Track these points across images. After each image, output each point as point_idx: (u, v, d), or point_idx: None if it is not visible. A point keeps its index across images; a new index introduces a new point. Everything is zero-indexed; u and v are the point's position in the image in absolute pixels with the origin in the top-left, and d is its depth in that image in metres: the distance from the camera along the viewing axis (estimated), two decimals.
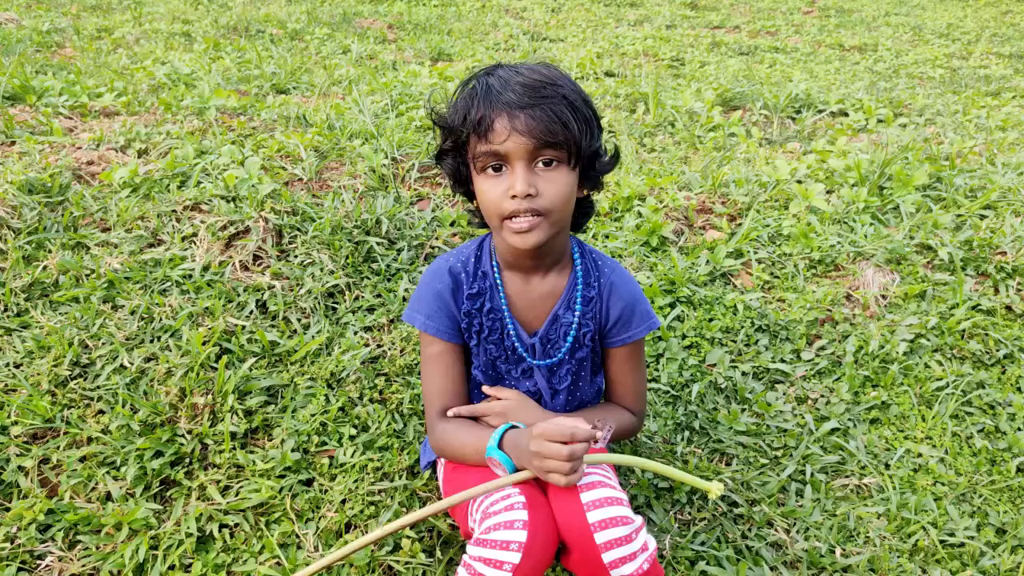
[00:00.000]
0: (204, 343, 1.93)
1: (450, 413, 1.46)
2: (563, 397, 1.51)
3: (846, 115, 4.35)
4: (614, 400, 1.58)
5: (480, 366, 1.48)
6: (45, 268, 2.11)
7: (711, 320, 2.34)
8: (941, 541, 1.74)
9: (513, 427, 1.35)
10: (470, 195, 1.38)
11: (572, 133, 1.22)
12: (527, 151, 1.22)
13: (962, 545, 1.74)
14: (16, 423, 1.71)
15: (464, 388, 1.50)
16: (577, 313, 1.44)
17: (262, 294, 2.14)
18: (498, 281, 1.44)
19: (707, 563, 1.65)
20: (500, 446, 1.32)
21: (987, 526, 1.79)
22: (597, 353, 1.52)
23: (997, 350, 2.27)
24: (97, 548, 1.53)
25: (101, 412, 1.78)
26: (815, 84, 5.06)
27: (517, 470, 1.29)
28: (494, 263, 1.44)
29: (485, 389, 1.50)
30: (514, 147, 1.21)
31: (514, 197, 1.23)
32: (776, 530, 1.75)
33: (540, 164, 1.24)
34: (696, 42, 6.69)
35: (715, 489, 1.32)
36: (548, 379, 1.49)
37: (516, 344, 1.45)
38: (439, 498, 1.68)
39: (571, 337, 1.45)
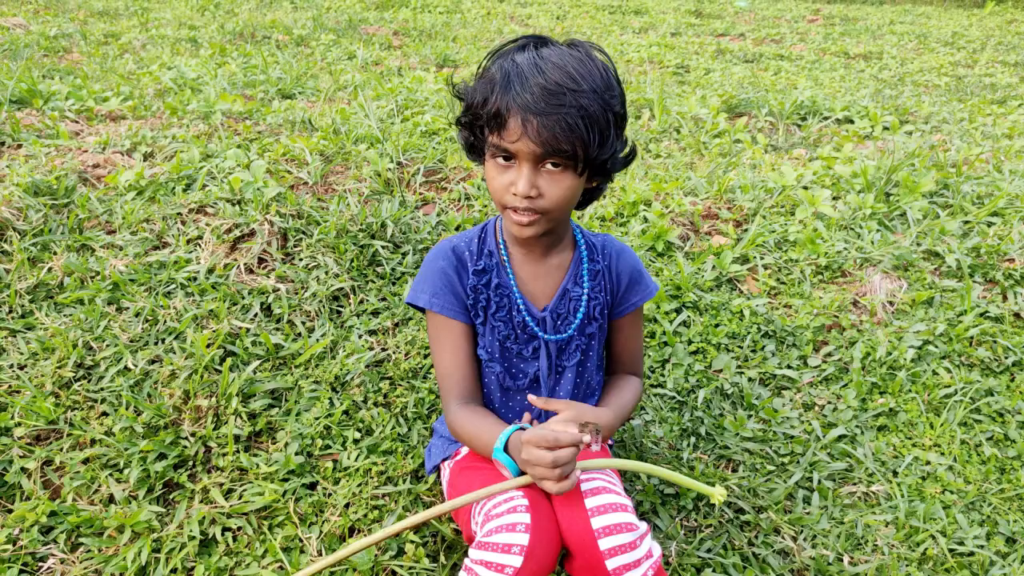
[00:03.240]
0: (208, 346, 1.93)
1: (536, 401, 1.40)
2: (571, 375, 1.48)
3: (851, 122, 4.34)
4: (619, 369, 1.61)
5: (487, 346, 1.45)
6: (50, 270, 2.11)
7: (717, 326, 2.32)
8: (950, 550, 1.72)
9: (521, 428, 1.33)
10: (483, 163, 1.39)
11: (583, 145, 1.20)
12: (535, 155, 1.21)
13: (972, 554, 1.72)
14: (19, 424, 1.71)
15: (477, 369, 1.48)
16: (586, 288, 1.45)
17: (267, 297, 2.14)
18: (504, 257, 1.44)
19: (713, 570, 1.63)
20: (507, 448, 1.31)
21: (997, 535, 1.77)
22: (604, 331, 1.52)
23: (1006, 357, 2.25)
24: (99, 551, 1.52)
25: (105, 414, 1.78)
26: (820, 91, 5.06)
27: (522, 473, 1.28)
28: (500, 240, 1.45)
29: (532, 399, 1.41)
30: (523, 150, 1.21)
31: (515, 194, 1.24)
32: (783, 537, 1.74)
33: (548, 165, 1.24)
34: (701, 49, 6.69)
35: (718, 494, 1.31)
36: (557, 356, 1.47)
37: (527, 319, 1.43)
38: (443, 502, 1.67)
39: (582, 311, 1.45)
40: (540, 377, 1.48)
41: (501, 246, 1.45)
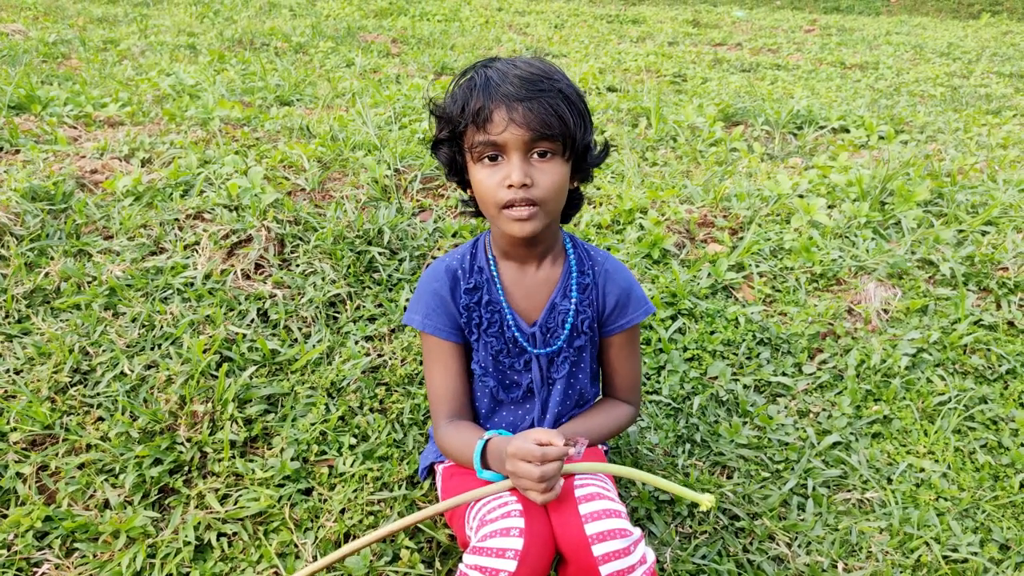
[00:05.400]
0: (205, 351, 1.93)
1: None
2: (560, 387, 1.49)
3: (847, 131, 4.37)
4: (612, 392, 1.59)
5: (480, 361, 1.47)
6: (47, 275, 2.11)
7: (713, 333, 2.33)
8: (944, 557, 1.73)
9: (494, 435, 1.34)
10: (464, 184, 1.41)
11: (568, 126, 1.25)
12: (524, 142, 1.24)
13: (965, 561, 1.73)
14: (15, 429, 1.71)
15: (467, 387, 1.50)
16: (574, 300, 1.45)
17: (263, 303, 2.14)
18: (494, 273, 1.45)
19: None
20: (486, 458, 1.33)
21: (990, 542, 1.78)
22: (596, 345, 1.52)
23: (999, 365, 2.26)
24: (94, 556, 1.52)
25: (100, 419, 1.78)
26: (816, 101, 5.08)
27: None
28: (490, 256, 1.46)
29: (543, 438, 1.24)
30: (511, 138, 1.23)
31: (510, 187, 1.26)
32: (778, 544, 1.74)
33: (535, 155, 1.27)
34: (698, 59, 6.73)
35: (707, 501, 1.31)
36: (546, 369, 1.49)
37: (516, 334, 1.45)
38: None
39: (569, 324, 1.45)
40: (534, 388, 1.49)
41: (491, 261, 1.46)
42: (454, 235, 2.55)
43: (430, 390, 1.49)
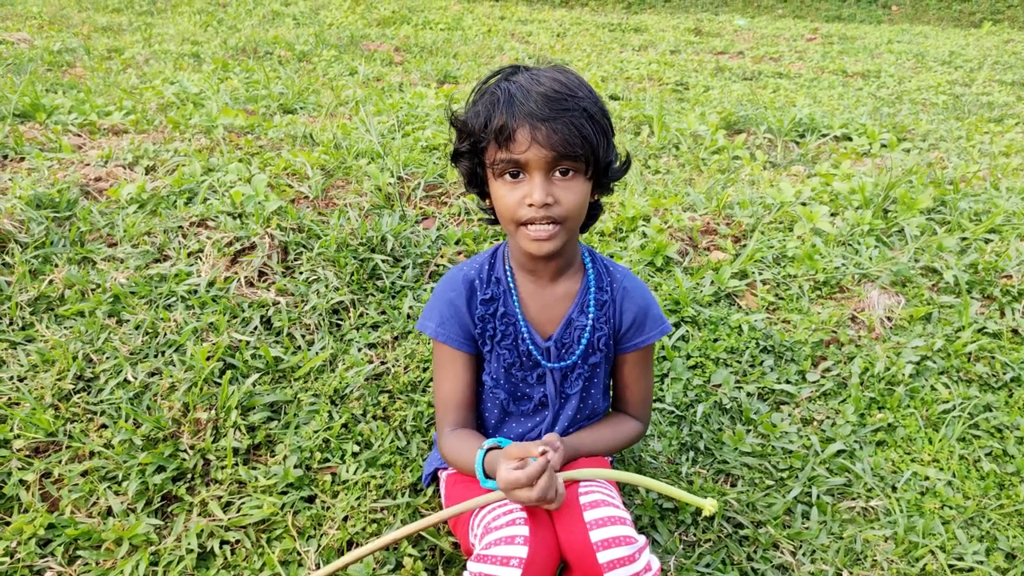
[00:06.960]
0: (208, 358, 1.93)
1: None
2: (574, 402, 1.49)
3: (850, 139, 4.37)
4: (621, 407, 1.58)
5: (492, 372, 1.47)
6: (51, 282, 2.12)
7: (716, 340, 2.33)
8: (950, 565, 1.72)
9: (494, 447, 1.32)
10: (483, 195, 1.40)
11: (591, 145, 1.24)
12: (546, 162, 1.23)
13: (971, 570, 1.72)
14: (19, 436, 1.71)
15: (474, 397, 1.49)
16: (591, 316, 1.44)
17: (267, 310, 2.14)
18: (511, 285, 1.44)
19: None
20: (486, 467, 1.31)
21: (996, 551, 1.77)
22: (610, 361, 1.51)
23: (1004, 373, 2.26)
24: (97, 563, 1.52)
25: (104, 426, 1.78)
26: (819, 109, 5.09)
27: None
28: (507, 268, 1.45)
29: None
30: (534, 157, 1.22)
31: (531, 205, 1.25)
32: (782, 552, 1.73)
33: (557, 173, 1.25)
34: (700, 67, 6.74)
35: (709, 506, 1.30)
36: (560, 383, 1.48)
37: (531, 348, 1.44)
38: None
39: (585, 340, 1.45)
40: (548, 401, 1.49)
41: (508, 273, 1.45)
42: (457, 243, 2.55)
43: (437, 397, 1.48)
